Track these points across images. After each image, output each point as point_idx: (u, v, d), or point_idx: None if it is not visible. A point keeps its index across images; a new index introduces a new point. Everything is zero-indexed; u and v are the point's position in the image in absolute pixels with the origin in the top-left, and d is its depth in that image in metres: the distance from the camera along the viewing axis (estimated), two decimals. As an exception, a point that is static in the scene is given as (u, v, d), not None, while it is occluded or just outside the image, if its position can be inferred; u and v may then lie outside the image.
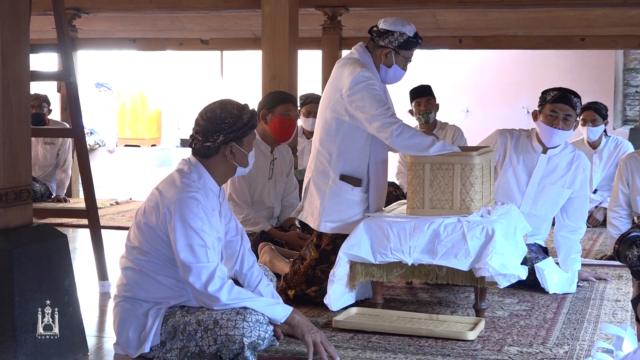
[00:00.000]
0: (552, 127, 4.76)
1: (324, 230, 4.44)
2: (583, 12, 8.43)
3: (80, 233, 6.88)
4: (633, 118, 13.58)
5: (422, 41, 4.46)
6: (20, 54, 3.42)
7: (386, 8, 8.06)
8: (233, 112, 3.54)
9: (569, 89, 4.85)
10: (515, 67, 13.23)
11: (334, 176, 4.40)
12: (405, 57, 4.43)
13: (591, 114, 7.30)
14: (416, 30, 4.43)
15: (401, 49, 4.40)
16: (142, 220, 3.54)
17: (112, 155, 14.27)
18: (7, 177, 3.36)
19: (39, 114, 8.29)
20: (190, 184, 3.50)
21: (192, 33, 9.99)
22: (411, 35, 4.38)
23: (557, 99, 4.75)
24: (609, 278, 5.09)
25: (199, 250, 3.41)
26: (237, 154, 3.59)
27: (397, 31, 4.38)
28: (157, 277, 3.54)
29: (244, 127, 3.55)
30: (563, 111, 4.75)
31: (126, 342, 3.54)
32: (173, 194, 3.46)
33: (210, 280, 3.39)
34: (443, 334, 3.87)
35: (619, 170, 5.95)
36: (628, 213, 5.89)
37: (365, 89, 4.23)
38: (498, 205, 4.49)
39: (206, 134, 3.54)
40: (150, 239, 3.51)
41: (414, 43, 4.40)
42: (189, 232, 3.41)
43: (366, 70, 4.30)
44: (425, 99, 6.96)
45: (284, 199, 5.62)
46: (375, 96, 4.22)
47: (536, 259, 4.82)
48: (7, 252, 3.26)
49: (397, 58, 4.41)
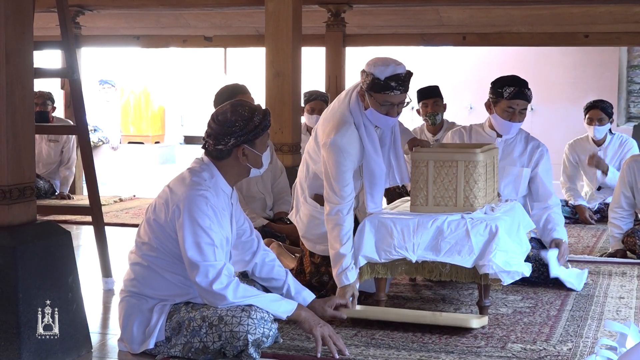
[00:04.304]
0: (510, 121, 4.85)
1: (308, 248, 4.45)
2: (587, 8, 8.41)
3: (84, 230, 6.89)
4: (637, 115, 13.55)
5: (400, 85, 4.03)
6: (23, 51, 3.42)
7: (390, 5, 8.06)
8: (244, 114, 3.52)
9: (522, 81, 4.90)
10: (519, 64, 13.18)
11: (305, 194, 4.40)
12: (379, 102, 4.06)
13: (597, 113, 7.28)
14: (397, 74, 4.02)
15: (371, 91, 4.05)
16: (152, 217, 3.54)
17: (116, 152, 14.28)
18: (10, 174, 3.36)
19: (42, 112, 8.29)
20: (200, 182, 3.50)
21: (195, 30, 9.98)
22: (380, 77, 4.01)
23: (514, 96, 4.81)
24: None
25: (206, 248, 3.41)
26: (249, 156, 3.58)
27: (367, 71, 4.08)
28: (165, 274, 3.54)
29: (255, 129, 3.53)
30: (520, 106, 4.84)
31: (130, 338, 3.55)
32: (183, 192, 3.47)
33: (217, 279, 3.40)
34: (447, 322, 3.88)
35: (622, 172, 5.96)
36: (629, 213, 5.90)
37: (330, 158, 4.09)
38: (502, 202, 4.48)
39: (217, 138, 3.53)
40: (160, 236, 3.52)
41: (382, 86, 4.01)
42: (197, 230, 3.41)
43: (343, 132, 4.08)
44: (433, 100, 6.95)
45: (274, 186, 5.61)
46: (338, 171, 4.07)
47: (538, 255, 4.82)
48: (11, 249, 3.26)
49: (370, 100, 4.08)
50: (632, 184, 5.86)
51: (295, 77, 6.38)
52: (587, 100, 7.57)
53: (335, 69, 8.63)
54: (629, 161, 5.93)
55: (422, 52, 12.65)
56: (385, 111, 4.09)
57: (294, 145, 6.41)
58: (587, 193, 7.54)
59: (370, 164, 4.18)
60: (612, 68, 13.30)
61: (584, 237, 6.66)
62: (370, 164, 4.18)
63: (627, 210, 5.89)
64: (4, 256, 3.27)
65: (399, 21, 9.07)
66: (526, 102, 4.85)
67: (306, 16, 7.11)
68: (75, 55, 4.90)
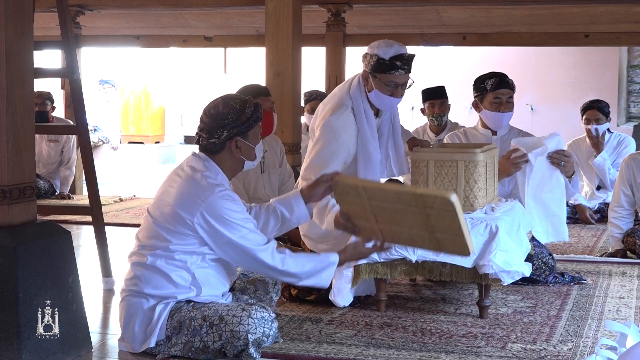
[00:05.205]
0: (499, 112, 4.93)
1: (309, 247, 4.45)
2: (587, 8, 8.41)
3: (84, 230, 6.89)
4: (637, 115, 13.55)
5: (404, 64, 4.14)
6: (24, 51, 3.42)
7: (390, 5, 8.05)
8: (235, 106, 3.56)
9: (501, 73, 5.04)
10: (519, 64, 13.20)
11: None
12: (384, 82, 4.16)
13: (595, 113, 7.28)
14: (400, 54, 4.14)
15: (376, 72, 4.17)
16: (164, 221, 3.52)
17: (116, 152, 14.28)
18: (11, 174, 3.37)
19: (42, 111, 8.30)
20: (214, 183, 3.52)
21: (195, 30, 9.98)
22: (385, 57, 4.13)
23: (497, 86, 4.93)
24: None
25: (251, 237, 3.48)
26: (243, 148, 3.60)
27: (370, 53, 4.19)
28: (169, 273, 3.52)
29: (247, 121, 3.56)
30: (505, 95, 4.94)
31: (131, 337, 3.55)
32: (206, 199, 3.46)
33: (275, 258, 3.49)
34: (425, 192, 3.47)
35: (620, 171, 5.96)
36: (630, 212, 5.90)
37: (320, 138, 4.19)
38: (502, 202, 4.48)
39: (210, 131, 3.55)
40: (177, 238, 3.50)
41: (387, 66, 4.13)
42: (235, 227, 3.46)
43: (338, 114, 4.19)
44: (440, 101, 6.97)
45: (280, 190, 5.61)
46: (322, 150, 4.16)
47: (541, 254, 4.83)
48: (11, 249, 3.26)
49: (375, 82, 4.19)
50: (631, 181, 5.86)
51: (295, 77, 6.38)
52: (586, 101, 7.58)
53: (335, 69, 8.63)
54: (628, 159, 5.93)
55: (422, 52, 12.65)
56: (390, 92, 4.18)
57: (294, 145, 6.41)
58: (587, 192, 7.54)
59: (367, 149, 4.20)
60: (612, 68, 13.31)
61: (584, 237, 6.66)
62: (368, 148, 4.20)
63: (628, 210, 5.89)
64: (4, 256, 3.27)
65: (399, 21, 9.07)
66: (510, 90, 4.95)
67: (306, 16, 7.11)
68: (75, 55, 4.90)
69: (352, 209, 3.61)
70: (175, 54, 15.37)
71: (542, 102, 13.18)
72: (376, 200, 3.44)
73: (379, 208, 3.46)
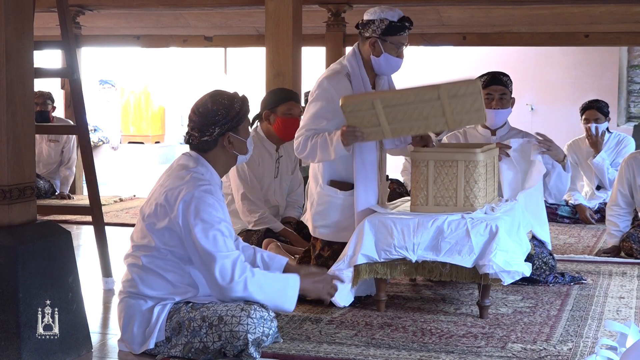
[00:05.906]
0: (492, 109, 4.96)
1: (316, 235, 4.46)
2: (587, 8, 8.42)
3: (84, 230, 6.89)
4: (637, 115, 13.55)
5: (410, 24, 4.37)
6: (24, 51, 3.42)
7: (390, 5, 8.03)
8: (224, 102, 3.58)
9: (495, 71, 5.10)
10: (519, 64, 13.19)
11: (322, 182, 4.43)
12: (394, 44, 4.33)
13: (594, 113, 7.29)
14: (403, 15, 4.35)
15: (387, 36, 4.31)
16: (151, 219, 3.53)
17: (116, 152, 14.28)
18: (11, 174, 3.37)
19: (43, 111, 8.30)
20: (199, 177, 3.52)
21: (195, 30, 9.99)
22: (394, 19, 4.31)
23: (489, 83, 5.00)
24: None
25: (219, 239, 3.44)
26: (235, 143, 3.62)
27: (378, 18, 4.32)
28: (165, 274, 3.53)
29: (237, 116, 3.59)
30: (497, 92, 5.00)
31: (131, 338, 3.55)
32: (186, 190, 3.47)
33: (234, 271, 3.43)
34: (448, 89, 4.04)
35: (620, 170, 5.96)
36: (627, 211, 5.91)
37: (314, 99, 4.36)
38: (502, 202, 4.48)
39: (202, 129, 3.57)
40: (162, 237, 3.50)
41: (398, 27, 4.31)
42: (207, 224, 3.43)
43: (332, 76, 4.36)
44: None
45: (288, 196, 5.60)
46: (315, 110, 4.31)
47: (541, 254, 4.83)
48: (11, 249, 3.26)
49: (385, 46, 4.33)
50: (631, 181, 5.86)
51: (295, 77, 6.38)
52: (585, 101, 7.58)
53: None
54: (628, 159, 5.93)
55: (422, 52, 12.65)
56: (397, 54, 4.35)
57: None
58: (587, 192, 7.54)
59: None
60: (612, 68, 13.30)
61: (584, 237, 6.66)
62: None
63: (624, 209, 5.89)
64: (4, 256, 3.27)
65: (399, 21, 9.06)
66: (502, 87, 5.00)
67: (306, 16, 7.11)
68: (75, 55, 4.90)
69: (360, 120, 4.09)
70: (175, 54, 15.37)
71: (542, 102, 13.17)
72: (392, 106, 4.04)
73: (394, 111, 4.05)
